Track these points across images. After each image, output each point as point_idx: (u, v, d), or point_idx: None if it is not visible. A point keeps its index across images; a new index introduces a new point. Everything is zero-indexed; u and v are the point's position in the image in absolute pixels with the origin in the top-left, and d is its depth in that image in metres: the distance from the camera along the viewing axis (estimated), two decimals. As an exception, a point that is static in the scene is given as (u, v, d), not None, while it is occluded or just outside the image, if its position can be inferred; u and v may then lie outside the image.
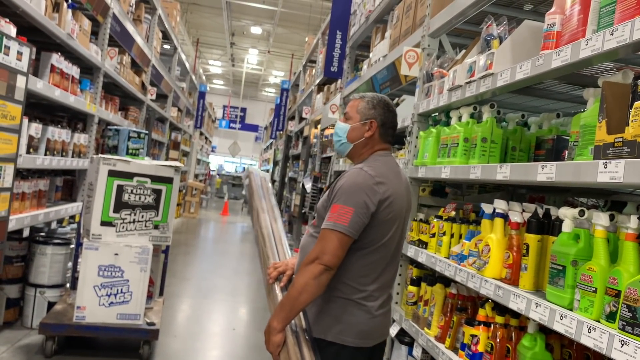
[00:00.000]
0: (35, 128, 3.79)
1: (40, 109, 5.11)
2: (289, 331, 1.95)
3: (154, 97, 8.44)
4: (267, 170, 18.92)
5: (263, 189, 2.91)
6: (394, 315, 2.93)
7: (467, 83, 2.37)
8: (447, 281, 2.54)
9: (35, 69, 3.86)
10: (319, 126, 7.17)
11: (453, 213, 2.65)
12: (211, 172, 26.12)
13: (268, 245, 2.42)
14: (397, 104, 3.84)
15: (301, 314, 2.06)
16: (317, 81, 7.36)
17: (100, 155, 3.94)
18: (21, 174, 3.88)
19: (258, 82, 30.30)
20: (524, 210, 2.02)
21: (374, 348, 2.04)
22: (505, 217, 2.07)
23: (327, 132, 6.78)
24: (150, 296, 4.23)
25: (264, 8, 16.56)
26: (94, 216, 3.80)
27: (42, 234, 4.54)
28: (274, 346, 1.90)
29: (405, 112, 3.53)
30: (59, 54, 4.03)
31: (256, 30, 19.51)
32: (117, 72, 5.85)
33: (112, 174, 3.85)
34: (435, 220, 2.63)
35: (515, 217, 1.96)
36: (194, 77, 15.47)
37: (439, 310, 2.47)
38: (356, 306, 1.95)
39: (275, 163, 15.67)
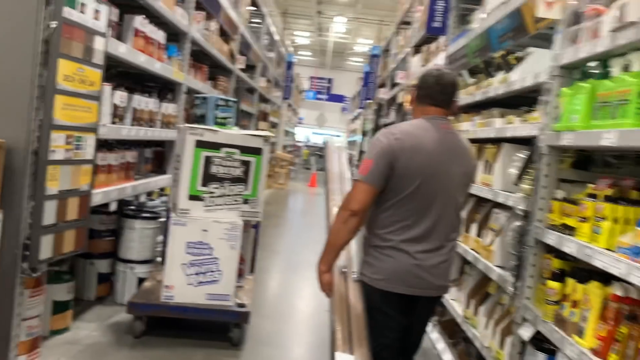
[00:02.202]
0: (120, 96, 3.56)
1: (131, 79, 4.96)
2: (336, 272, 2.36)
3: (242, 66, 8.19)
4: (355, 142, 18.50)
5: (336, 154, 3.47)
6: (525, 314, 2.42)
7: (647, 18, 1.77)
8: (604, 278, 1.99)
9: (119, 34, 3.63)
10: (415, 92, 6.60)
11: (609, 191, 2.08)
12: (298, 144, 26.11)
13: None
14: (521, 59, 3.22)
15: (354, 259, 2.51)
16: (414, 42, 6.75)
17: (187, 124, 3.68)
18: (108, 145, 3.70)
19: (344, 52, 29.69)
20: None
21: (417, 301, 2.25)
22: None
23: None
24: (240, 274, 3.98)
25: (353, -29, 15.89)
26: (182, 190, 3.56)
27: (132, 207, 4.41)
28: (323, 285, 2.27)
29: (535, 67, 2.92)
30: (143, 16, 3.78)
31: (344, -4, 18.87)
32: (204, 38, 5.60)
33: (200, 144, 3.57)
34: (588, 200, 2.07)
35: None
36: (281, 47, 15.21)
37: (597, 316, 1.93)
38: (385, 254, 2.19)
39: (364, 133, 15.13)
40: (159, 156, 5.02)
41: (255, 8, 9.75)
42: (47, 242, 2.56)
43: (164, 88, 5.25)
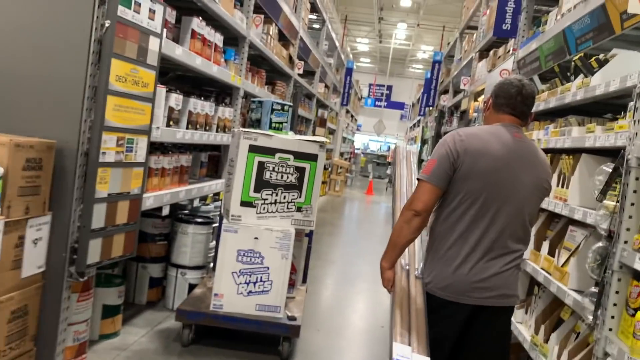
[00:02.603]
0: (176, 99, 3.51)
1: (189, 82, 4.96)
2: (399, 269, 2.37)
3: (301, 71, 8.12)
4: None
5: (406, 158, 3.29)
6: (608, 348, 2.14)
7: None
8: None
9: (176, 36, 3.58)
10: (480, 98, 6.28)
11: None
12: (356, 151, 25.92)
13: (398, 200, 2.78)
14: (606, 61, 2.92)
15: (417, 256, 2.49)
16: (479, 47, 6.44)
17: (241, 128, 3.59)
18: (163, 148, 3.66)
19: (405, 59, 29.32)
20: None
21: (480, 311, 2.16)
22: None
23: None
24: (292, 284, 3.84)
25: (415, -23, 15.61)
26: (234, 195, 3.46)
27: (185, 212, 4.37)
28: (385, 281, 2.30)
29: (621, 70, 2.63)
30: (200, 18, 3.72)
31: (406, 2, 18.58)
32: (263, 42, 5.54)
33: (253, 149, 3.46)
34: (689, 221, 1.79)
35: None
36: (341, 53, 15.10)
37: (700, 358, 1.65)
38: (441, 262, 2.18)
39: (424, 142, 14.76)
40: (214, 160, 4.98)
41: (315, 13, 9.68)
42: (95, 246, 2.51)
43: (221, 92, 5.21)
